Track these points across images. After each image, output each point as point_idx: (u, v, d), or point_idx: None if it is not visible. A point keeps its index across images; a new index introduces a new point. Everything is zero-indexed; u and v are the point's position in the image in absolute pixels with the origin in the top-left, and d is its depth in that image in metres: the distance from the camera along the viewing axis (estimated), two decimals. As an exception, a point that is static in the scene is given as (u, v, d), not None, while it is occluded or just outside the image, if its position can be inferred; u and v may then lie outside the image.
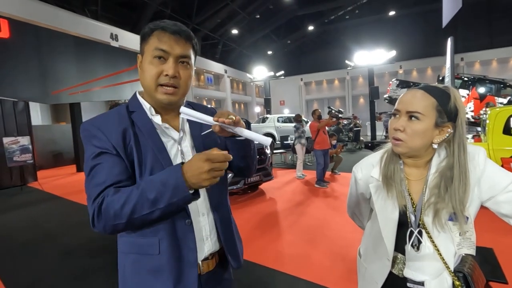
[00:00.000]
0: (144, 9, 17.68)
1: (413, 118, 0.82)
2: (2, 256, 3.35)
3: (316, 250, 3.02)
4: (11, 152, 6.69)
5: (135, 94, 0.88)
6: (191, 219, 0.81)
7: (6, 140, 6.70)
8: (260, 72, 20.96)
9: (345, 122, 16.28)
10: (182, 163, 0.71)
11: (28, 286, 2.65)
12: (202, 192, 0.86)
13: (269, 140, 0.77)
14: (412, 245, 0.86)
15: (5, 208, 5.55)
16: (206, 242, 0.85)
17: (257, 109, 30.12)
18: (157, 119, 0.83)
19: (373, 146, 5.07)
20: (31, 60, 7.71)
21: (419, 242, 0.84)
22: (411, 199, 0.88)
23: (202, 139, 0.88)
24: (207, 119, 0.75)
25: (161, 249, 0.77)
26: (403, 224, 0.88)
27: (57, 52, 8.46)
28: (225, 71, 27.24)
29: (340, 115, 7.21)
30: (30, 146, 7.06)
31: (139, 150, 0.79)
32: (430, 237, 0.84)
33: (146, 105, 0.84)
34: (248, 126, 1.42)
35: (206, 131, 0.86)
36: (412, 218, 0.86)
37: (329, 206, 4.53)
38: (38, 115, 13.32)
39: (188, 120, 0.87)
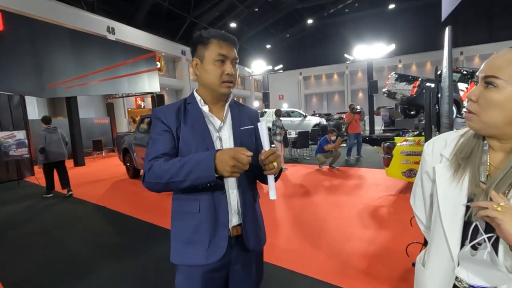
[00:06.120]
0: (141, 2, 17.43)
1: (489, 85, 0.65)
2: (-2, 250, 3.33)
3: (313, 245, 3.01)
4: (7, 146, 6.64)
5: (193, 90, 1.15)
6: (225, 191, 1.05)
7: (1, 134, 6.65)
8: (258, 66, 20.84)
9: (343, 116, 16.26)
10: (219, 150, 0.90)
11: (22, 280, 2.64)
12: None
13: (273, 196, 0.94)
14: (475, 245, 0.67)
15: (1, 202, 5.53)
16: (235, 215, 1.07)
17: (256, 103, 30.03)
18: (205, 108, 1.09)
19: (371, 140, 5.07)
20: (26, 53, 7.59)
21: (484, 241, 0.66)
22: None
23: (239, 131, 1.10)
24: (265, 145, 0.94)
25: (201, 209, 1.02)
26: (468, 218, 0.71)
27: (52, 45, 8.33)
28: (224, 65, 27.06)
29: (358, 110, 8.58)
30: (26, 141, 7.01)
31: (189, 132, 1.04)
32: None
33: (198, 98, 1.10)
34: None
35: (245, 127, 1.13)
36: None
37: (327, 201, 4.53)
38: (35, 109, 13.19)
39: (231, 113, 1.12)
